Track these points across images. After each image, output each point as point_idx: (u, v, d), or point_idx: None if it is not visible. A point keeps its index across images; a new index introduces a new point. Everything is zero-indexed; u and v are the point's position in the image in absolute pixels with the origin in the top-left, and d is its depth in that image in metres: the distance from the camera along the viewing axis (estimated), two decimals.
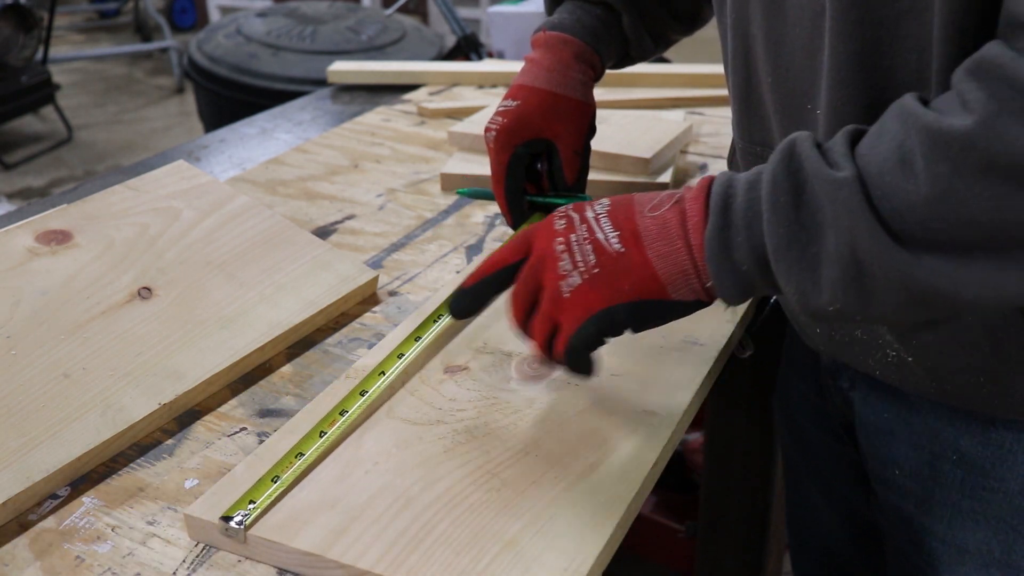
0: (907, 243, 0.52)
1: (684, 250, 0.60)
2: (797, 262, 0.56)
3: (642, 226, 0.61)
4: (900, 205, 0.52)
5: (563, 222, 0.64)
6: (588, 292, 0.61)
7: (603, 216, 0.63)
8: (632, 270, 0.61)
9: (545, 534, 0.60)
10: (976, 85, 0.50)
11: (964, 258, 0.51)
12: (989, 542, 0.73)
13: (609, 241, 0.62)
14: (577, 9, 0.91)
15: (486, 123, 0.90)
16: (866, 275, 0.53)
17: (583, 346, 0.62)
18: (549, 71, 0.89)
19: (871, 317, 0.56)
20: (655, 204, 0.62)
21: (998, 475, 0.70)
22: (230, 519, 0.61)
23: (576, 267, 0.62)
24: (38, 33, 4.00)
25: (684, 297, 0.61)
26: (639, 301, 0.61)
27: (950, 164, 0.50)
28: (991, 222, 0.50)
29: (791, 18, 0.65)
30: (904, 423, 0.75)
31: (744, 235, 0.58)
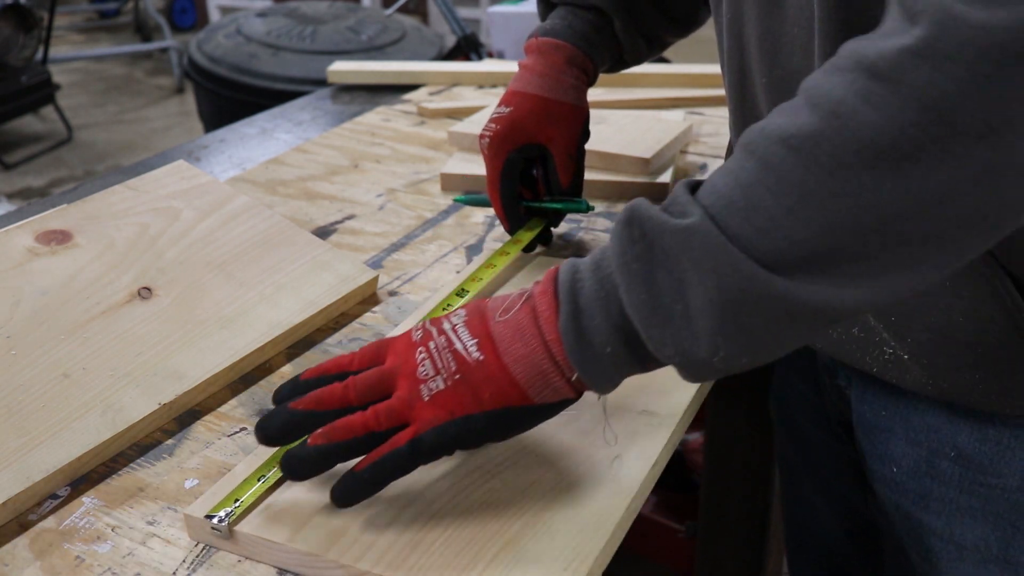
0: (774, 265, 0.50)
1: (541, 348, 0.57)
2: (668, 325, 0.53)
3: (496, 331, 0.59)
4: (760, 224, 0.50)
5: (420, 333, 0.61)
6: (451, 397, 0.58)
7: (460, 326, 0.60)
8: (491, 378, 0.58)
9: (545, 534, 0.60)
10: (818, 80, 0.49)
11: (835, 266, 0.49)
12: (987, 538, 0.73)
13: (468, 349, 0.59)
14: (569, 14, 0.92)
15: (481, 129, 0.90)
16: (743, 312, 0.51)
17: (436, 445, 0.58)
18: (541, 76, 0.89)
19: (759, 358, 0.53)
20: (506, 307, 0.60)
21: (996, 471, 0.71)
22: (213, 517, 0.61)
23: (439, 372, 0.59)
24: (38, 33, 4.00)
25: (547, 399, 0.59)
26: (501, 410, 0.58)
27: (802, 168, 0.48)
28: (854, 220, 0.48)
29: (790, 18, 0.65)
30: (902, 420, 0.75)
31: (600, 316, 0.56)
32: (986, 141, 0.45)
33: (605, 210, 1.09)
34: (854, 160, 0.47)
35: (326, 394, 0.61)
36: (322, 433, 0.59)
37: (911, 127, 0.46)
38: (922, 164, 0.46)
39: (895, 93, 0.46)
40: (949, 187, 0.46)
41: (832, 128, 0.47)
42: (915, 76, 0.45)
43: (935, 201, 0.47)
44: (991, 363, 0.66)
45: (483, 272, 0.89)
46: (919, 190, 0.47)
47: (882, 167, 0.47)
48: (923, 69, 0.45)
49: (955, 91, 0.45)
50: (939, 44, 0.45)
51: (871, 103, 0.46)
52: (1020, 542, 0.72)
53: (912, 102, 0.45)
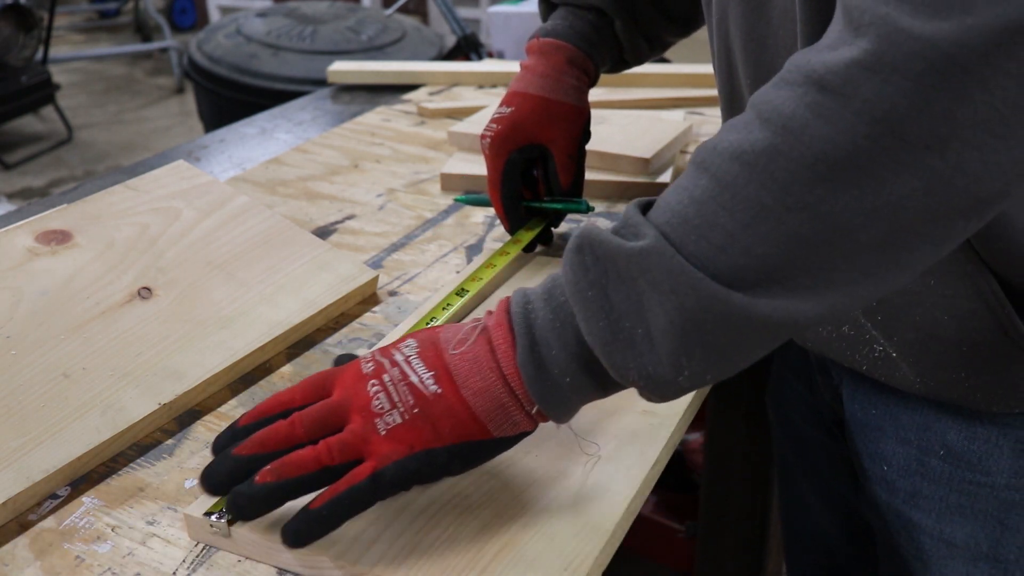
0: (733, 282, 0.49)
1: (500, 382, 0.56)
2: (630, 349, 0.52)
3: (452, 364, 0.57)
4: (718, 241, 0.49)
5: (371, 365, 0.59)
6: (409, 431, 0.56)
7: (413, 358, 0.58)
8: (450, 411, 0.56)
9: (545, 534, 0.60)
10: (772, 95, 0.49)
11: (794, 281, 0.49)
12: (977, 536, 0.73)
13: (424, 383, 0.57)
14: (570, 15, 0.92)
15: (481, 130, 0.90)
16: (705, 331, 0.50)
17: (398, 480, 0.56)
18: (542, 77, 0.89)
19: (724, 372, 0.53)
20: (460, 339, 0.58)
21: (985, 469, 0.71)
22: (212, 515, 0.61)
23: (395, 406, 0.57)
24: (38, 33, 4.00)
25: (506, 432, 0.58)
26: (461, 444, 0.57)
27: (757, 183, 0.48)
28: (811, 233, 0.48)
29: (775, 21, 0.65)
30: (892, 419, 0.76)
31: (558, 347, 0.55)
32: (934, 151, 0.46)
33: (605, 210, 1.09)
34: (808, 174, 0.47)
35: (270, 434, 0.57)
36: (271, 470, 0.56)
37: (863, 139, 0.46)
38: (875, 175, 0.47)
39: (846, 106, 0.46)
40: (901, 197, 0.47)
41: (785, 143, 0.48)
42: (865, 89, 0.46)
43: (889, 211, 0.47)
44: (977, 361, 0.67)
45: (483, 272, 0.89)
46: (873, 201, 0.47)
47: (836, 180, 0.47)
48: (872, 82, 0.46)
49: (904, 103, 0.45)
50: (886, 57, 0.45)
51: (822, 116, 0.47)
52: (1010, 540, 0.72)
53: (863, 115, 0.46)
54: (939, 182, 0.46)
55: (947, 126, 0.45)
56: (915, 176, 0.46)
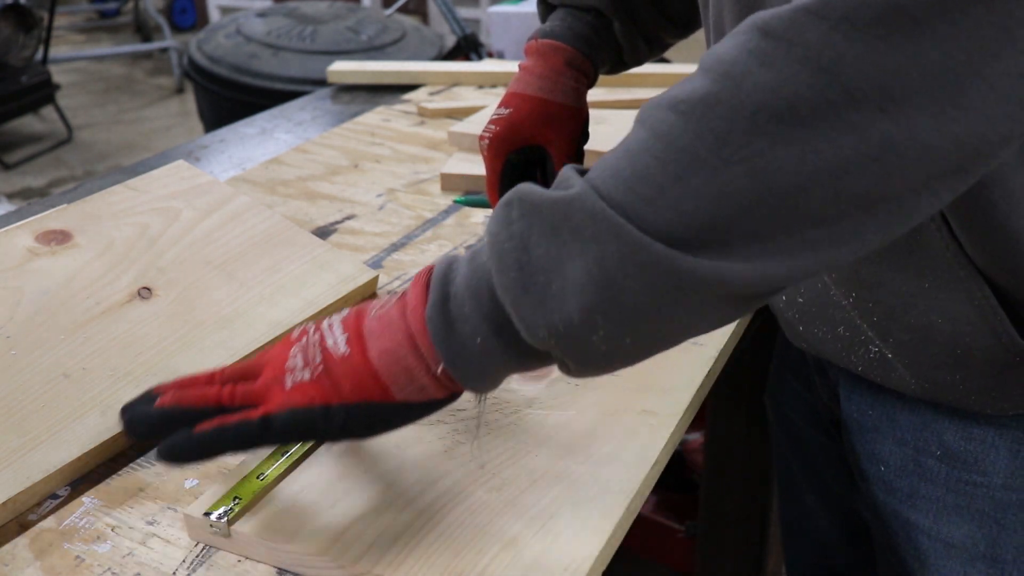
0: (662, 235, 0.46)
1: (406, 341, 0.55)
2: (542, 304, 0.49)
3: (367, 327, 0.57)
4: (647, 193, 0.47)
5: (298, 332, 0.60)
6: (312, 387, 0.56)
7: (335, 323, 0.58)
8: (353, 371, 0.56)
9: (545, 534, 0.60)
10: (718, 49, 0.47)
11: (726, 239, 0.46)
12: (974, 536, 0.73)
13: (337, 344, 0.57)
14: (568, 16, 0.92)
15: (481, 130, 0.90)
16: (624, 289, 0.47)
17: (289, 426, 0.56)
18: (541, 78, 0.89)
19: (640, 338, 0.50)
20: (383, 304, 0.58)
21: (981, 469, 0.71)
22: (212, 514, 0.61)
23: (307, 365, 0.57)
24: (38, 33, 4.00)
25: (411, 397, 0.56)
26: (359, 403, 0.56)
27: (692, 133, 0.46)
28: (746, 189, 0.45)
29: None
30: (888, 419, 0.76)
31: (471, 304, 0.53)
32: (886, 114, 0.43)
33: None
34: (747, 124, 0.45)
35: (190, 380, 0.59)
36: (171, 396, 0.58)
37: (806, 89, 0.44)
38: (818, 132, 0.44)
39: (789, 52, 0.44)
40: (846, 160, 0.44)
41: (725, 90, 0.45)
42: (810, 35, 0.43)
43: (831, 175, 0.45)
44: (971, 365, 0.67)
45: None
46: (814, 161, 0.44)
47: (776, 132, 0.44)
48: (819, 28, 0.43)
49: (851, 54, 0.43)
50: (835, 2, 0.43)
51: (764, 63, 0.44)
52: (1007, 539, 0.72)
53: (807, 62, 0.43)
54: (890, 149, 0.44)
55: (899, 86, 0.43)
56: (862, 139, 0.44)
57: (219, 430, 0.56)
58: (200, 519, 0.61)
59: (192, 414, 0.57)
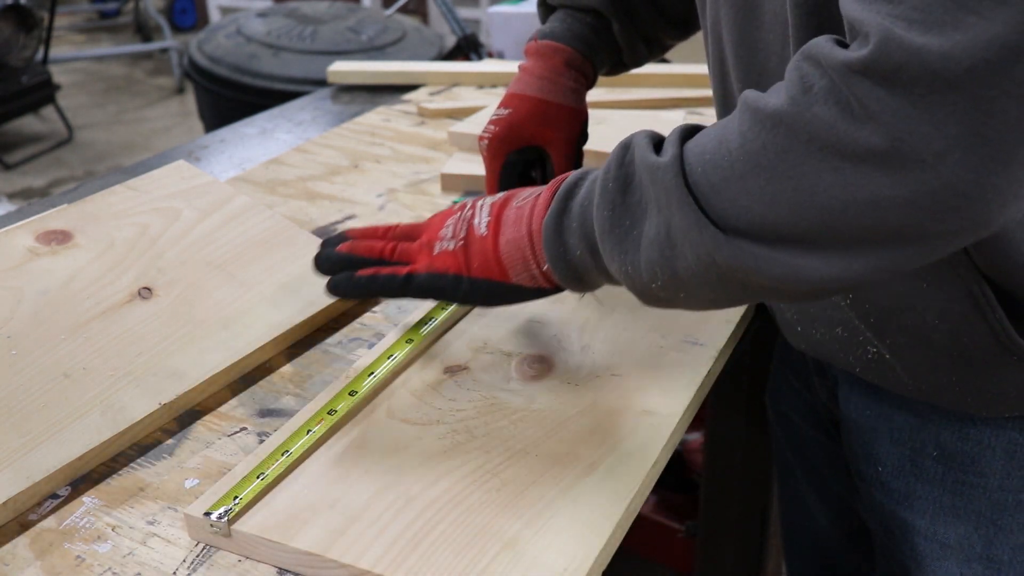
0: (718, 220, 0.53)
1: (526, 236, 0.66)
2: (620, 244, 0.59)
3: (505, 215, 0.68)
4: (716, 180, 0.54)
5: (459, 206, 0.71)
6: (451, 256, 0.69)
7: (486, 205, 0.69)
8: (484, 251, 0.67)
9: (545, 534, 0.60)
10: (795, 68, 0.52)
11: (768, 239, 0.52)
12: (970, 537, 0.73)
13: (480, 224, 0.68)
14: (568, 17, 0.92)
15: (480, 131, 0.90)
16: (679, 254, 0.56)
17: (426, 287, 0.69)
18: (540, 79, 0.89)
19: (691, 297, 0.58)
20: (525, 196, 0.68)
21: (978, 470, 0.71)
22: (212, 514, 0.61)
23: (454, 237, 0.69)
24: (38, 33, 4.00)
25: (524, 282, 0.67)
26: (483, 279, 0.68)
27: (760, 142, 0.52)
28: (792, 202, 0.51)
29: (766, 25, 0.66)
30: (885, 420, 0.76)
31: (578, 221, 0.62)
32: (927, 166, 0.47)
33: None
34: (802, 148, 0.50)
35: (368, 231, 0.75)
36: (348, 244, 0.73)
37: (856, 131, 0.48)
38: (860, 171, 0.48)
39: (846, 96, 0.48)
40: (882, 197, 0.48)
41: (791, 114, 0.50)
42: (858, 91, 0.48)
43: (870, 207, 0.49)
44: (968, 366, 0.67)
45: None
46: (854, 193, 0.49)
47: (824, 161, 0.49)
48: (864, 84, 0.47)
49: (894, 109, 0.47)
50: (876, 65, 0.47)
51: (827, 100, 0.49)
52: (1002, 540, 0.72)
53: (862, 110, 0.48)
54: (928, 196, 0.48)
55: (941, 141, 0.46)
56: (901, 184, 0.48)
57: (372, 278, 0.71)
58: (200, 519, 0.61)
59: (360, 261, 0.72)
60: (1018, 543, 0.72)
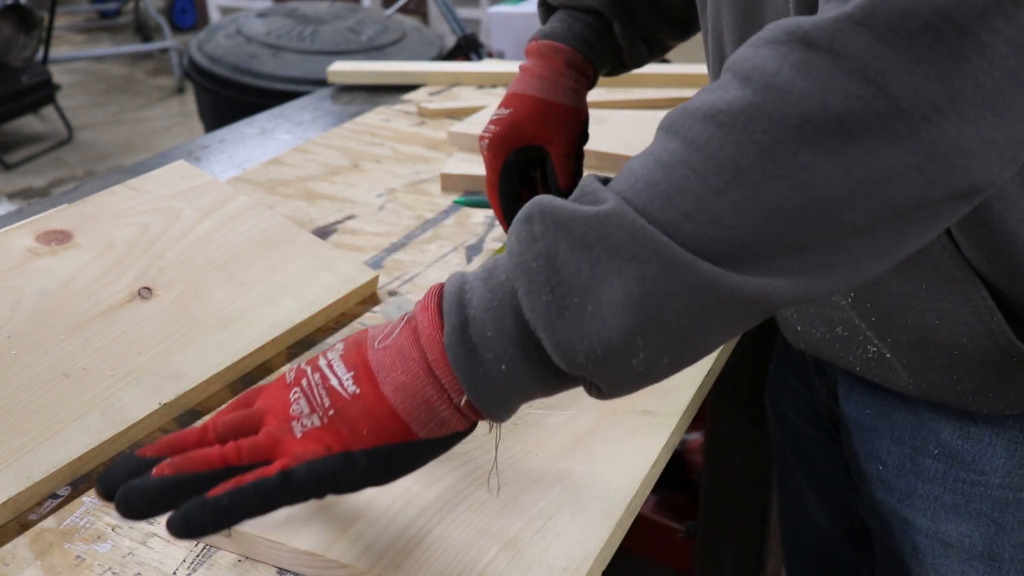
0: (704, 252, 0.45)
1: (424, 371, 0.51)
2: (578, 327, 0.47)
3: (374, 360, 0.52)
4: (686, 207, 0.45)
5: (293, 374, 0.55)
6: (326, 433, 0.51)
7: (335, 360, 0.54)
8: (368, 411, 0.51)
9: (545, 534, 0.60)
10: (741, 63, 0.46)
11: (773, 254, 0.45)
12: (972, 535, 0.73)
13: (343, 384, 0.52)
14: (568, 17, 0.92)
15: (480, 131, 0.91)
16: (667, 304, 0.45)
17: (311, 480, 0.50)
18: (541, 79, 0.89)
19: (682, 358, 0.48)
20: (386, 333, 0.53)
21: (979, 468, 0.71)
22: None
23: (315, 411, 0.52)
24: (38, 33, 4.00)
25: (434, 433, 0.52)
26: (382, 446, 0.51)
27: (733, 145, 0.45)
28: (793, 203, 0.44)
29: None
30: (886, 418, 0.76)
31: (494, 328, 0.49)
32: (931, 123, 0.43)
33: None
34: (792, 137, 0.44)
35: (179, 438, 0.53)
36: (170, 463, 0.51)
37: (853, 100, 0.43)
38: (864, 143, 0.43)
39: (835, 63, 0.43)
40: (891, 170, 0.44)
41: (768, 102, 0.44)
42: (855, 45, 0.43)
43: (876, 185, 0.44)
44: (968, 366, 0.67)
45: None
46: (860, 172, 0.44)
47: (821, 144, 0.44)
48: (864, 37, 0.43)
49: (896, 63, 0.42)
50: (879, 12, 0.43)
51: (809, 75, 0.44)
52: (1004, 538, 0.72)
53: (854, 73, 0.43)
54: (935, 159, 0.44)
55: (944, 94, 0.43)
56: (909, 150, 0.43)
57: (235, 493, 0.50)
58: None
59: (199, 480, 0.50)
60: (1019, 541, 0.72)
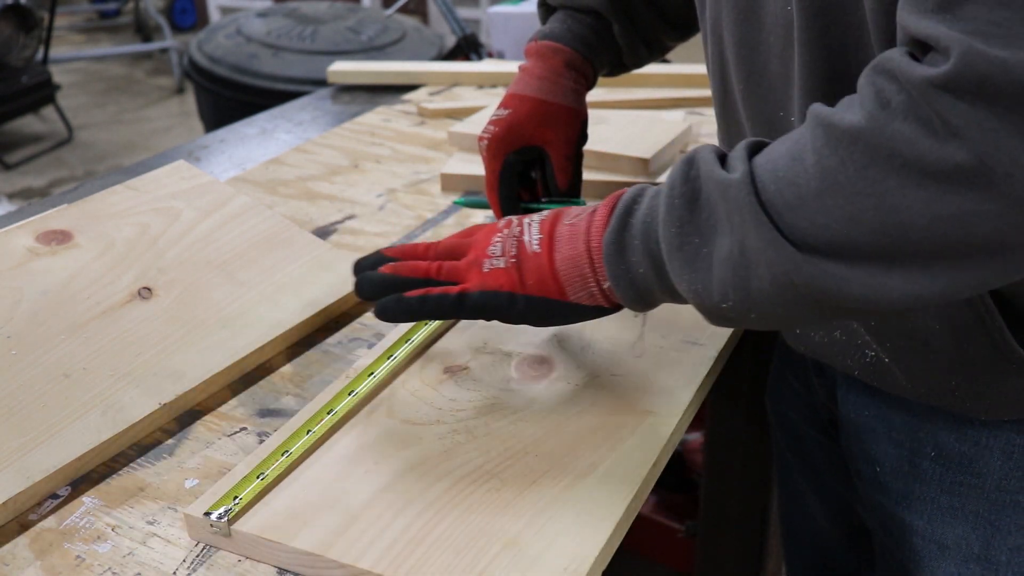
0: (795, 239, 0.53)
1: (584, 253, 0.64)
2: (689, 263, 0.58)
3: (557, 232, 0.66)
4: (791, 199, 0.53)
5: (503, 223, 0.69)
6: (504, 274, 0.66)
7: (534, 222, 0.67)
8: (539, 268, 0.65)
9: (545, 534, 0.60)
10: (869, 83, 0.51)
11: (848, 258, 0.52)
12: (968, 537, 0.73)
13: (531, 242, 0.66)
14: (568, 18, 0.92)
15: (480, 132, 0.90)
16: (753, 274, 0.55)
17: (479, 306, 0.66)
18: (540, 79, 0.89)
19: (763, 316, 0.57)
20: (576, 213, 0.66)
21: (976, 471, 0.71)
22: (212, 514, 0.61)
23: (504, 255, 0.67)
24: (38, 33, 4.00)
25: (582, 300, 0.65)
26: (539, 297, 0.66)
27: (838, 158, 0.51)
28: (874, 220, 0.50)
29: (767, 26, 0.66)
30: (884, 420, 0.76)
31: (640, 238, 0.61)
32: (1014, 180, 0.46)
33: None
34: (884, 164, 0.49)
35: (408, 250, 0.72)
36: (392, 265, 0.69)
37: (940, 148, 0.47)
38: (946, 187, 0.48)
39: (926, 123, 0.48)
40: (970, 212, 0.48)
41: (869, 130, 0.50)
42: (941, 105, 0.47)
43: (955, 224, 0.48)
44: (968, 372, 0.67)
45: None
46: (940, 209, 0.48)
47: (909, 178, 0.49)
48: (947, 99, 0.47)
49: (979, 124, 0.46)
50: (962, 78, 0.46)
51: (907, 116, 0.48)
52: (1000, 541, 0.72)
53: (943, 126, 0.47)
54: (1012, 211, 0.47)
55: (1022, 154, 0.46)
56: (990, 198, 0.47)
57: (423, 299, 0.67)
58: (200, 519, 0.61)
59: (406, 282, 0.68)
60: (1015, 544, 0.72)
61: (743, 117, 0.72)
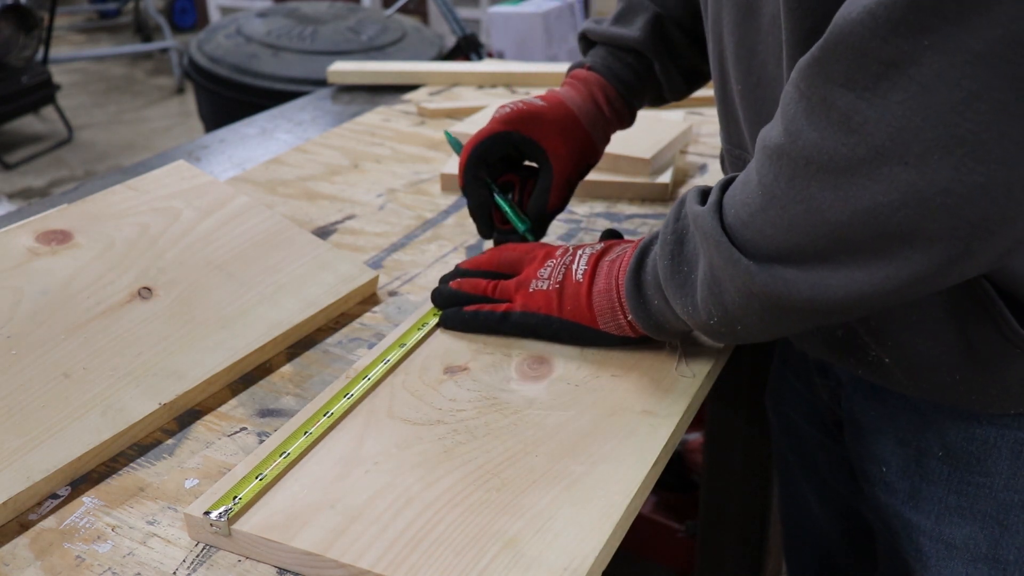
0: (748, 252, 0.58)
1: (614, 288, 0.73)
2: (681, 288, 0.66)
3: (599, 265, 0.75)
4: (744, 216, 0.58)
5: (561, 249, 0.79)
6: (544, 297, 0.77)
7: (585, 254, 0.77)
8: (576, 296, 0.75)
9: (545, 534, 0.60)
10: (783, 96, 0.54)
11: (795, 262, 0.56)
12: (976, 537, 0.73)
13: (576, 272, 0.76)
14: (608, 56, 0.92)
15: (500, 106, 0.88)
16: (723, 289, 0.61)
17: (519, 325, 0.78)
18: (584, 100, 0.91)
19: (747, 329, 0.63)
20: (620, 248, 0.76)
21: (983, 470, 0.71)
22: (211, 514, 0.61)
23: (551, 278, 0.77)
24: (38, 33, 4.00)
25: (611, 330, 0.75)
26: (573, 322, 0.76)
27: (772, 174, 0.55)
28: (807, 224, 0.54)
29: (764, 28, 0.66)
30: (890, 420, 0.76)
31: (652, 275, 0.69)
32: (909, 168, 0.49)
33: (605, 210, 1.09)
34: (803, 172, 0.53)
35: (473, 263, 0.84)
36: (458, 282, 0.82)
37: (841, 147, 0.51)
38: (854, 182, 0.51)
39: (827, 115, 0.51)
40: (880, 204, 0.50)
41: (787, 143, 0.54)
42: (840, 101, 0.50)
43: (871, 215, 0.51)
44: (971, 362, 0.67)
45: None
46: (855, 204, 0.51)
47: (824, 180, 0.52)
48: (847, 96, 0.50)
49: (874, 115, 0.49)
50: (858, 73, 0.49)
51: (812, 123, 0.52)
52: (1008, 540, 0.72)
53: (841, 125, 0.50)
54: (916, 197, 0.49)
55: (918, 141, 0.48)
56: (893, 188, 0.49)
57: (475, 315, 0.80)
58: (200, 518, 0.61)
59: (467, 298, 0.81)
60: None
61: (742, 117, 0.72)
